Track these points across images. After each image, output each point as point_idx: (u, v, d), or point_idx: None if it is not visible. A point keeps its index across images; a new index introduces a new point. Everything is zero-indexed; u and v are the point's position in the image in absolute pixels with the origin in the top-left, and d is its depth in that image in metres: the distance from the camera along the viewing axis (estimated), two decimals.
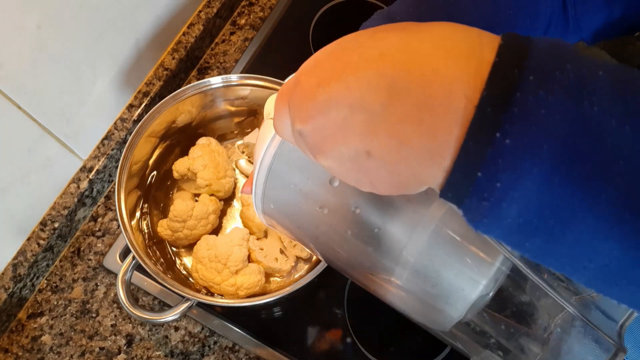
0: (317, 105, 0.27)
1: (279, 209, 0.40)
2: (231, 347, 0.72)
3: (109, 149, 0.79)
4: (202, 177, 0.73)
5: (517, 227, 0.24)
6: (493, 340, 0.37)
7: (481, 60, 0.24)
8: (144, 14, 0.78)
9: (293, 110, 0.29)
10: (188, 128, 0.77)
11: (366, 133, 0.26)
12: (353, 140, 0.26)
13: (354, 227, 0.38)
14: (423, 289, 0.37)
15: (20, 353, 0.73)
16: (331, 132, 0.27)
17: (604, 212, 0.23)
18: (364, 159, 0.27)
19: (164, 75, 0.84)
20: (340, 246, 0.40)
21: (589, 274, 0.25)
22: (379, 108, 0.25)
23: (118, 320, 0.74)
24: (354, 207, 0.37)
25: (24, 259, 0.73)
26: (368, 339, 0.72)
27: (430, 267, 0.36)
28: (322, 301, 0.74)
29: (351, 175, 0.28)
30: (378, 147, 0.26)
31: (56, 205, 0.76)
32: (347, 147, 0.27)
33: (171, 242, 0.75)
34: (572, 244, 0.24)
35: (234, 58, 0.90)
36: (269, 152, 0.37)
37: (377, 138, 0.26)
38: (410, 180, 0.26)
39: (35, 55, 0.63)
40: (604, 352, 0.35)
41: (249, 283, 0.67)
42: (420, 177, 0.26)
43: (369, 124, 0.26)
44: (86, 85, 0.73)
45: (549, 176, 0.23)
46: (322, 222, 0.39)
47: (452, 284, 0.36)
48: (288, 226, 0.42)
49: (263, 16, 0.94)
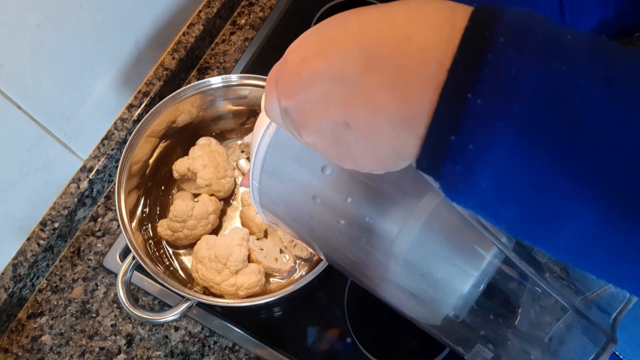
0: (300, 80, 0.28)
1: (275, 199, 0.40)
2: (231, 347, 0.72)
3: (109, 149, 0.79)
4: (202, 177, 0.73)
5: (491, 193, 0.24)
6: (484, 333, 0.37)
7: (454, 26, 0.24)
8: (144, 14, 0.78)
9: (279, 88, 0.29)
10: (188, 128, 0.77)
11: (344, 103, 0.26)
12: (333, 112, 0.27)
13: (346, 217, 0.38)
14: (414, 281, 0.37)
15: (20, 353, 0.73)
16: (313, 106, 0.28)
17: (575, 172, 0.23)
18: (343, 131, 0.27)
19: (164, 75, 0.84)
20: (335, 237, 0.40)
21: (564, 244, 0.25)
22: (356, 78, 0.26)
23: (118, 320, 0.74)
24: (346, 196, 0.37)
25: (24, 259, 0.73)
26: (368, 339, 0.72)
27: (421, 259, 0.36)
28: (322, 301, 0.74)
29: (333, 151, 0.29)
30: (355, 116, 0.26)
31: (56, 205, 0.76)
32: (327, 119, 0.27)
33: (171, 242, 0.75)
34: (545, 209, 0.24)
35: (234, 58, 0.90)
36: (264, 142, 0.37)
37: (354, 107, 0.26)
38: (388, 152, 0.27)
39: (35, 55, 0.63)
40: (595, 344, 0.34)
41: (249, 283, 0.67)
42: (396, 147, 0.26)
43: (347, 94, 0.26)
44: (86, 85, 0.73)
45: (520, 136, 0.23)
46: (316, 212, 0.39)
47: (443, 277, 0.36)
48: (284, 218, 0.42)
49: (263, 16, 0.94)
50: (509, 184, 0.23)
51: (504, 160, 0.23)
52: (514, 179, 0.23)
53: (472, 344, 0.38)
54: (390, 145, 0.26)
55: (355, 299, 0.74)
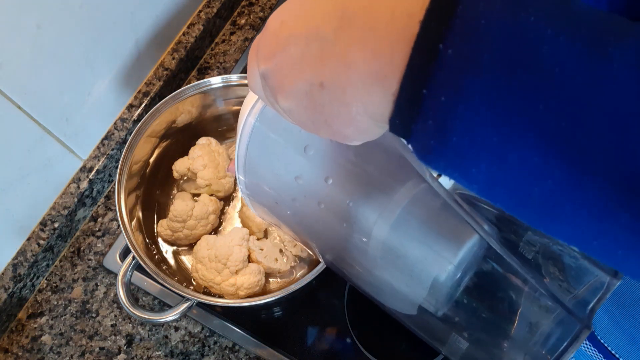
0: (279, 42, 0.28)
1: (259, 181, 0.40)
2: (231, 347, 0.72)
3: (109, 149, 0.79)
4: (202, 177, 0.73)
5: (462, 149, 0.24)
6: (461, 324, 0.37)
7: None
8: (144, 14, 0.78)
9: (259, 53, 0.29)
10: (188, 128, 0.77)
11: (319, 62, 0.26)
12: (308, 72, 0.27)
13: (327, 200, 0.38)
14: (393, 267, 0.37)
15: (20, 353, 0.73)
16: (290, 67, 0.27)
17: (543, 123, 0.22)
18: (317, 92, 0.27)
19: (164, 75, 0.84)
20: (317, 222, 0.40)
21: (535, 204, 0.24)
22: (331, 35, 0.26)
23: (118, 320, 0.74)
24: (327, 178, 0.37)
25: (24, 259, 0.73)
26: (368, 339, 0.72)
27: (399, 244, 0.36)
28: (322, 301, 0.74)
29: (308, 115, 0.29)
30: (329, 74, 0.26)
31: (56, 205, 0.76)
32: (303, 81, 0.27)
33: (171, 242, 0.75)
34: (515, 165, 0.23)
35: (234, 58, 0.90)
36: (248, 121, 0.37)
37: (327, 65, 0.26)
38: (360, 112, 0.26)
39: (35, 55, 0.63)
40: (569, 332, 0.35)
41: (249, 283, 0.67)
42: (369, 107, 0.26)
43: (322, 53, 0.26)
44: (86, 85, 0.73)
45: (489, 87, 0.22)
46: (298, 194, 0.39)
47: (420, 261, 0.36)
48: (267, 202, 0.42)
49: (263, 16, 0.94)
50: (479, 137, 0.23)
51: (474, 112, 0.23)
52: (484, 133, 0.23)
53: (448, 336, 0.38)
54: (362, 105, 0.26)
55: (355, 299, 0.73)
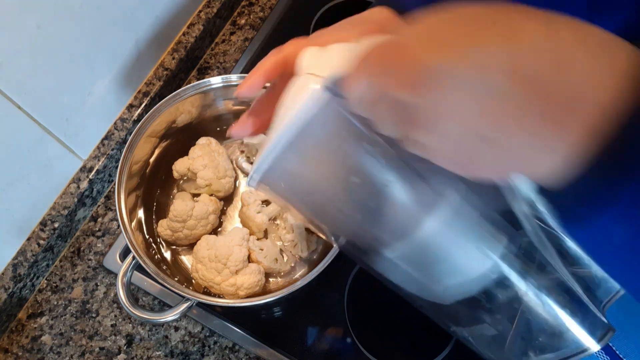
0: (431, 74, 0.25)
1: (293, 170, 0.37)
2: (231, 347, 0.72)
3: (109, 149, 0.79)
4: (202, 177, 0.73)
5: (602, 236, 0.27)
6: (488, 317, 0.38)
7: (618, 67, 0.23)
8: (144, 14, 0.78)
9: (396, 74, 0.26)
10: (188, 128, 0.77)
11: (490, 116, 0.24)
12: (473, 122, 0.25)
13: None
14: (433, 258, 0.37)
15: (20, 353, 0.73)
16: (449, 109, 0.25)
17: None
18: (477, 142, 0.25)
19: (164, 75, 0.84)
20: (354, 213, 0.39)
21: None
22: (503, 92, 0.24)
23: (118, 320, 0.74)
24: (387, 181, 0.36)
25: (24, 259, 0.73)
26: (368, 339, 0.72)
27: (446, 237, 0.36)
28: (322, 301, 0.74)
29: (450, 157, 0.27)
30: (498, 131, 0.25)
31: (56, 205, 0.76)
32: (464, 128, 0.25)
33: (171, 242, 0.75)
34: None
35: (234, 58, 0.90)
36: (301, 116, 0.33)
37: (498, 122, 0.24)
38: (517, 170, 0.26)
39: (35, 55, 0.63)
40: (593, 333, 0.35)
41: (249, 283, 0.67)
42: (530, 170, 0.26)
43: (494, 108, 0.24)
44: (86, 85, 0.73)
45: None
46: (353, 191, 0.37)
47: (464, 257, 0.36)
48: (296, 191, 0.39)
49: (263, 16, 0.94)
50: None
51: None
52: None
53: (472, 326, 0.38)
54: (524, 167, 0.25)
55: (355, 300, 0.74)
